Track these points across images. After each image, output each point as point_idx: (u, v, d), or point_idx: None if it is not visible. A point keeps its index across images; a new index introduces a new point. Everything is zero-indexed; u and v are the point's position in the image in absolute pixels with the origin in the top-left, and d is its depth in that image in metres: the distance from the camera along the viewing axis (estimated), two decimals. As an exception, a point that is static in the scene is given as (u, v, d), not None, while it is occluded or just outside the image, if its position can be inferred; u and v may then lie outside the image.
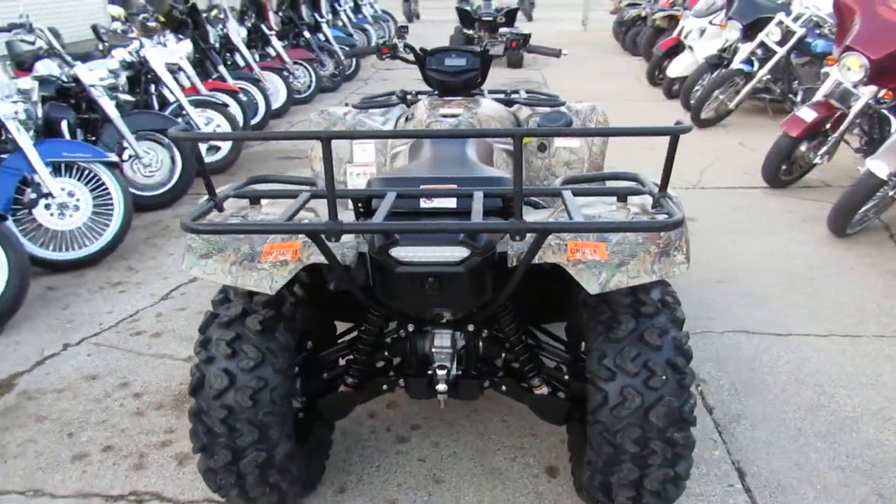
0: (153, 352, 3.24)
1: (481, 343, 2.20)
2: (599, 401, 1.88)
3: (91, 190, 4.25)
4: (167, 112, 5.78)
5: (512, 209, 1.90)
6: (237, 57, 8.01)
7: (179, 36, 6.96)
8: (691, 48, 8.19)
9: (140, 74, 5.89)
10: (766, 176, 5.17)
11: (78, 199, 4.19)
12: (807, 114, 4.80)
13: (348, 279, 1.81)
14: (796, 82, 6.78)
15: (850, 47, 4.52)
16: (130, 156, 5.04)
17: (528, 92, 3.35)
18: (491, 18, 11.35)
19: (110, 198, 4.29)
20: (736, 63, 6.87)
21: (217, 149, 6.09)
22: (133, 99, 5.71)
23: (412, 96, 3.25)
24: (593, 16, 17.72)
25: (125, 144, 4.94)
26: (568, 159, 2.96)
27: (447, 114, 2.66)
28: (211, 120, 6.04)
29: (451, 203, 1.80)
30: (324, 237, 1.60)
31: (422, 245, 1.71)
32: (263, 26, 8.80)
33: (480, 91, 3.09)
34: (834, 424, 2.63)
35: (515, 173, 1.52)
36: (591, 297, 1.98)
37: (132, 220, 4.38)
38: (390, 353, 2.28)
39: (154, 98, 6.07)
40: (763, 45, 6.73)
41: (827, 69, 5.23)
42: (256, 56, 8.55)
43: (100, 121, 4.98)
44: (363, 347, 2.18)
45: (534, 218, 1.96)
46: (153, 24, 6.42)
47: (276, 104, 7.99)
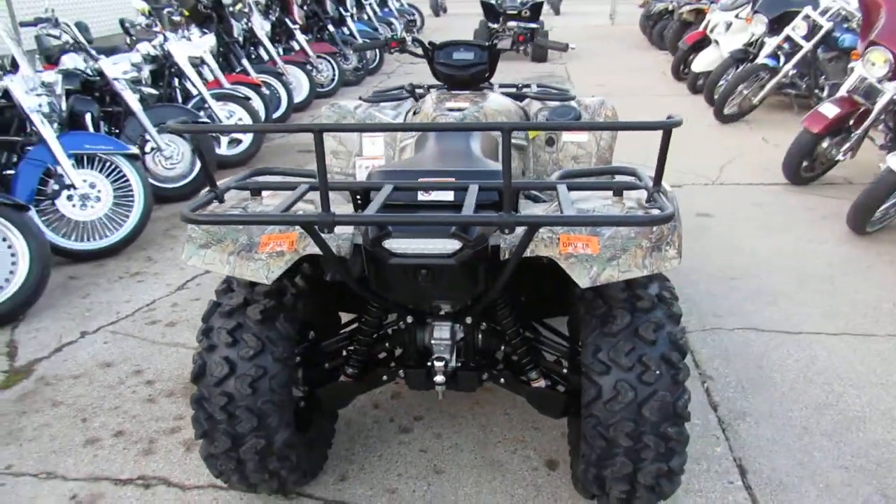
0: (167, 340, 3.31)
1: (480, 335, 2.22)
2: (593, 394, 1.89)
3: (112, 182, 4.34)
4: (190, 105, 5.88)
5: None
6: (261, 51, 8.10)
7: (204, 30, 7.07)
8: (717, 42, 8.08)
9: (164, 68, 6.00)
10: (787, 173, 5.10)
11: (99, 191, 4.28)
12: (829, 109, 4.72)
13: (343, 270, 1.84)
14: (823, 77, 6.66)
15: (875, 42, 4.44)
16: (153, 148, 5.14)
17: (540, 86, 3.35)
18: (515, 12, 11.29)
19: (131, 189, 4.38)
20: (761, 58, 6.77)
21: (238, 142, 6.17)
22: (157, 92, 5.82)
23: (423, 90, 3.27)
24: (621, 9, 17.54)
25: (147, 137, 5.04)
26: (576, 153, 2.96)
27: (453, 107, 2.67)
28: (233, 113, 6.13)
29: (449, 196, 1.82)
30: (317, 228, 1.63)
31: (414, 237, 1.73)
32: (288, 20, 8.88)
33: (490, 85, 3.10)
34: (841, 423, 2.60)
35: (504, 167, 1.53)
36: (588, 292, 1.99)
37: (152, 212, 4.46)
38: (391, 345, 2.31)
39: (178, 91, 6.18)
40: (789, 40, 6.62)
41: (852, 64, 5.14)
42: (280, 50, 8.64)
43: (123, 114, 5.08)
44: (363, 338, 2.21)
45: (531, 211, 1.98)
46: (178, 19, 6.52)
47: (299, 98, 8.06)
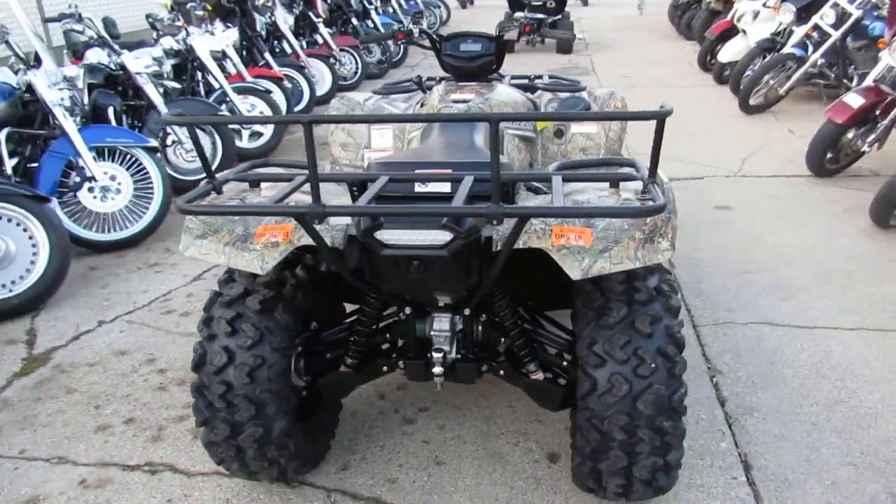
0: (181, 330, 3.36)
1: (480, 327, 2.22)
2: (588, 387, 1.88)
3: (132, 174, 4.42)
4: (212, 99, 5.96)
5: (506, 193, 1.92)
6: (284, 44, 8.16)
7: (227, 24, 7.14)
8: (744, 32, 7.92)
9: (186, 62, 6.08)
10: (811, 164, 4.99)
11: (119, 183, 4.36)
12: (854, 100, 4.61)
13: (337, 261, 1.85)
14: (852, 67, 6.49)
15: (902, 29, 4.32)
16: (174, 141, 5.22)
17: (552, 77, 3.32)
18: (540, 3, 11.21)
19: (150, 182, 4.45)
20: (788, 47, 6.62)
21: (259, 135, 6.23)
22: (180, 86, 5.90)
23: (436, 82, 3.26)
24: (650, -1, 17.31)
25: (168, 130, 5.12)
26: (584, 145, 2.93)
27: (458, 99, 2.66)
28: (254, 106, 6.19)
29: (446, 188, 1.82)
30: (308, 219, 1.64)
31: (406, 228, 1.73)
32: (311, 14, 8.92)
33: (499, 76, 3.08)
34: (851, 420, 2.54)
35: (493, 158, 1.52)
36: (587, 284, 1.98)
37: (171, 204, 4.53)
38: (391, 336, 2.32)
39: (201, 85, 6.26)
40: (817, 28, 6.48)
41: (881, 53, 5.01)
42: (304, 43, 8.69)
43: (145, 107, 5.17)
44: (362, 329, 2.22)
45: (528, 203, 1.97)
46: (200, 13, 6.58)
47: (321, 91, 8.11)
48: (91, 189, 4.28)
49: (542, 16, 11.05)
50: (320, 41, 8.85)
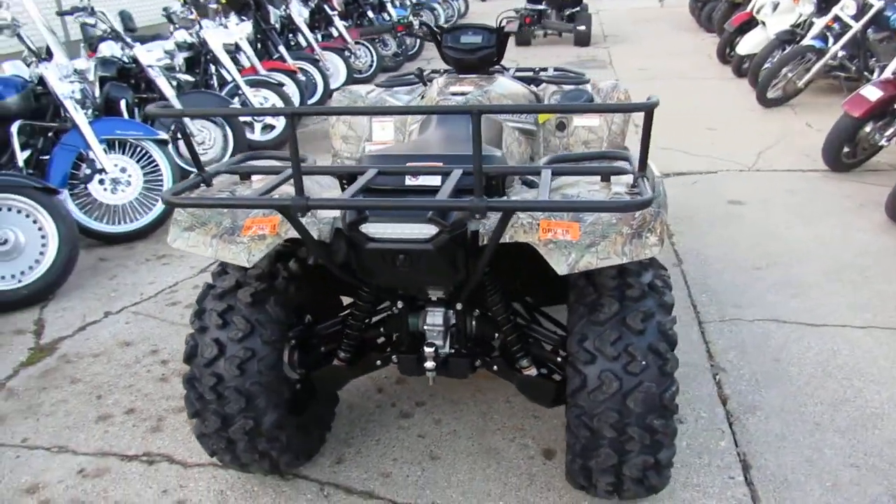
0: (185, 321, 3.38)
1: (474, 322, 2.20)
2: (578, 384, 1.86)
3: (142, 166, 4.45)
4: (224, 92, 5.97)
5: (495, 187, 1.89)
6: (300, 37, 8.17)
7: (242, 17, 7.17)
8: (764, 23, 7.78)
9: (200, 55, 6.10)
10: (827, 159, 4.89)
11: (130, 175, 4.39)
12: (871, 92, 4.51)
13: (324, 254, 1.84)
14: (873, 59, 6.35)
15: (922, 20, 4.21)
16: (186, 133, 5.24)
17: (557, 70, 3.29)
18: (557, -5, 11.14)
19: (160, 174, 4.48)
20: (807, 39, 6.49)
21: (272, 127, 6.25)
22: (193, 79, 5.93)
23: (439, 74, 3.24)
24: (672, -9, 17.07)
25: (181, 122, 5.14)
26: (587, 138, 2.89)
27: (457, 91, 2.64)
28: (266, 99, 6.19)
29: (436, 181, 1.80)
30: (292, 212, 1.63)
31: (392, 222, 1.71)
32: (326, 7, 8.92)
33: (502, 69, 3.06)
34: (856, 420, 2.49)
35: (475, 151, 1.50)
36: (580, 279, 1.95)
37: (181, 196, 4.55)
38: (385, 330, 2.31)
39: (214, 78, 6.28)
40: (838, 20, 6.33)
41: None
42: (319, 36, 8.69)
43: (157, 100, 5.20)
44: (354, 323, 2.21)
45: (521, 196, 1.94)
46: (214, 6, 6.61)
47: (336, 84, 8.10)
48: (101, 181, 4.31)
49: (544, 8, 11.01)
50: (335, 34, 8.84)
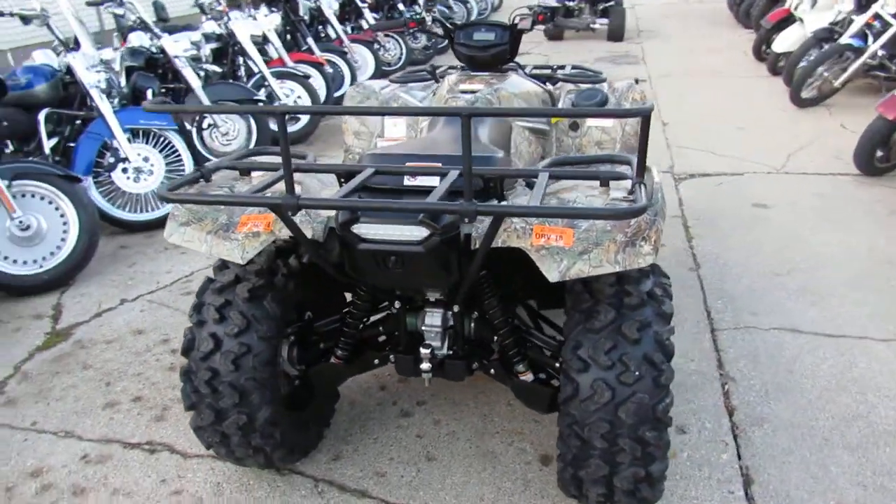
0: (197, 312, 3.42)
1: (472, 324, 2.18)
2: (570, 392, 1.82)
3: (165, 156, 4.50)
4: (250, 83, 6.01)
5: (493, 189, 1.86)
6: (329, 29, 8.18)
7: (272, 9, 7.21)
8: (801, 20, 7.58)
9: (228, 46, 6.15)
10: (859, 163, 4.74)
11: (152, 164, 4.45)
12: (907, 95, 4.35)
13: (317, 253, 1.83)
14: (916, 60, 6.15)
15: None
16: (209, 124, 5.30)
17: (575, 68, 3.24)
18: (591, -13, 10.99)
19: (182, 163, 4.53)
20: (845, 37, 6.30)
21: (296, 120, 6.28)
22: (220, 70, 5.98)
23: (453, 71, 3.21)
24: (712, -15, 16.72)
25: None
26: (600, 139, 2.84)
27: (466, 89, 2.61)
28: (292, 91, 6.23)
29: (435, 181, 1.78)
30: (282, 210, 1.62)
31: (384, 223, 1.70)
32: (357, -1, 8.92)
33: (515, 66, 3.01)
34: (868, 437, 2.41)
35: (464, 154, 1.47)
36: (577, 284, 1.92)
37: (202, 186, 4.60)
38: (385, 329, 2.30)
39: (242, 69, 6.33)
40: (878, 17, 6.14)
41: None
42: (349, 28, 8.69)
43: (184, 90, 5.26)
44: (352, 321, 2.21)
45: (517, 200, 1.91)
46: (244, -3, 6.66)
47: (363, 77, 8.09)
48: (125, 170, 4.38)
49: (576, 3, 10.94)
50: (365, 27, 8.83)
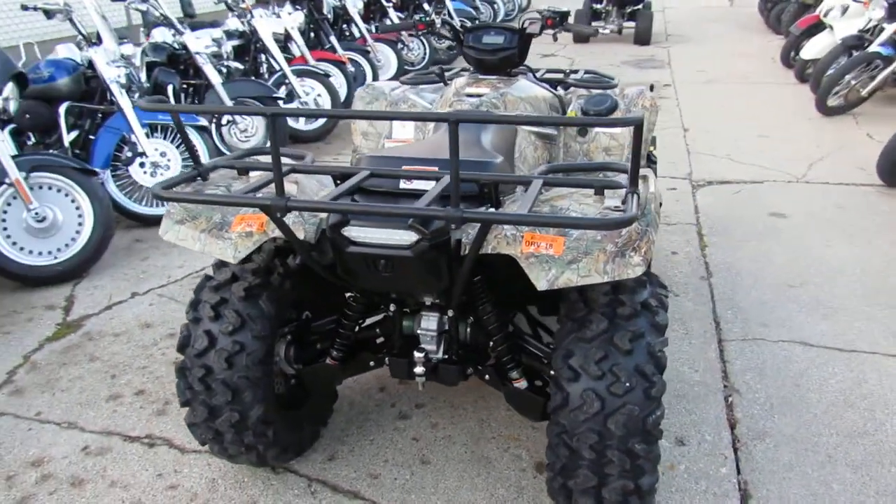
0: (205, 307, 3.45)
1: (468, 329, 2.16)
2: (559, 401, 1.81)
3: (182, 151, 4.55)
4: (271, 80, 6.06)
5: (487, 195, 1.85)
6: (353, 28, 8.21)
7: (296, 6, 7.25)
8: (831, 28, 7.44)
9: (250, 43, 6.20)
10: (882, 173, 4.64)
11: (169, 159, 4.50)
12: (934, 105, 4.25)
13: (308, 255, 1.83)
14: (946, 69, 6.00)
15: None
16: (228, 121, 5.35)
17: (588, 72, 3.21)
18: (618, -10, 10.90)
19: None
20: (875, 45, 6.17)
21: (314, 118, 6.31)
22: (242, 67, 6.04)
23: (464, 73, 3.19)
24: (743, -10, 16.50)
25: (223, 109, 5.23)
26: (608, 145, 2.81)
27: (472, 93, 2.59)
28: (312, 89, 6.26)
29: (431, 185, 1.78)
30: (272, 211, 1.63)
31: (374, 226, 1.70)
32: (382, -2, 8.94)
33: (525, 70, 2.99)
34: (873, 455, 2.35)
35: (452, 160, 1.46)
36: (571, 292, 1.90)
37: (218, 182, 4.64)
38: (381, 332, 2.29)
39: (264, 66, 6.38)
40: (910, 26, 6.01)
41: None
42: (373, 27, 8.71)
43: (204, 86, 5.32)
44: (347, 323, 2.21)
45: (510, 208, 1.89)
46: (269, -6, 6.70)
47: (386, 76, 8.11)
48: (142, 164, 4.43)
49: (604, 6, 10.91)
50: (372, 31, 8.84)
